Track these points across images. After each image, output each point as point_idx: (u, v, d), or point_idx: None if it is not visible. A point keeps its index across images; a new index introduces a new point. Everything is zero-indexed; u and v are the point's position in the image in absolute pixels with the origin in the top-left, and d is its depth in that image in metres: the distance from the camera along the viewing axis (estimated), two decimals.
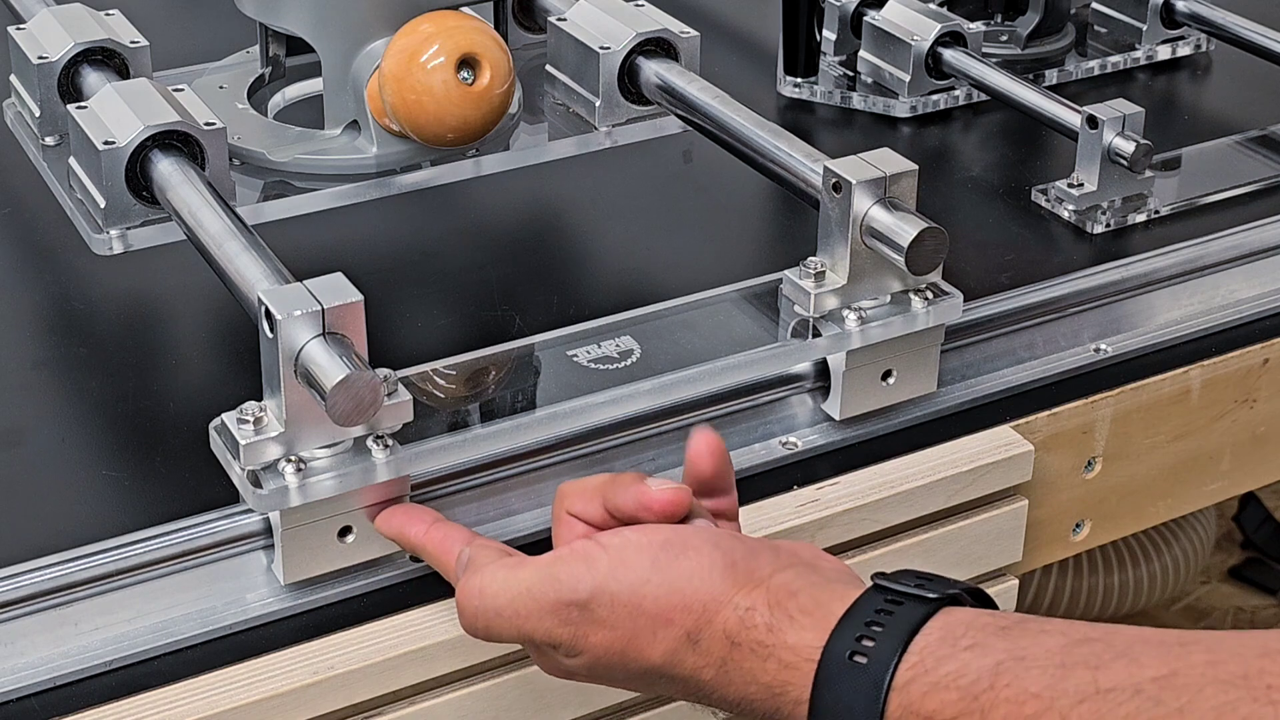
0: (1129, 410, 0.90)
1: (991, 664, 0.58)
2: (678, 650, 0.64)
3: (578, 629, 0.65)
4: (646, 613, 0.64)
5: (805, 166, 0.85)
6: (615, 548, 0.65)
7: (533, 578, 0.66)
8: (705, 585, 0.64)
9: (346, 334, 0.70)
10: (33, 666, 0.71)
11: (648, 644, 0.64)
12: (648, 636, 0.64)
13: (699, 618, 0.63)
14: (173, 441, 0.82)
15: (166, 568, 0.73)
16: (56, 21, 0.95)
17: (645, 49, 0.95)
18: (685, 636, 0.63)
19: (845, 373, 0.83)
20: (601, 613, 0.64)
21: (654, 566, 0.64)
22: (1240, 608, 1.81)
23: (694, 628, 0.63)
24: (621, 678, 0.66)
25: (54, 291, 0.96)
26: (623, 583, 0.64)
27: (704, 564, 0.64)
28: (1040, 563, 0.91)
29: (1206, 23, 1.20)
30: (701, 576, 0.64)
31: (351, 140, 0.93)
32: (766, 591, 0.63)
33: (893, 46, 1.14)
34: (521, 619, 0.66)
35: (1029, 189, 1.05)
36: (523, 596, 0.66)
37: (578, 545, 0.66)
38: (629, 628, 0.64)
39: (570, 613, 0.65)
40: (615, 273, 1.00)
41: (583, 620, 0.65)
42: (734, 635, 0.63)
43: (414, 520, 0.73)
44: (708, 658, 0.63)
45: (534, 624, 0.65)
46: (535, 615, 0.65)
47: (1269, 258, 0.98)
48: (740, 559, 0.65)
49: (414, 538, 0.73)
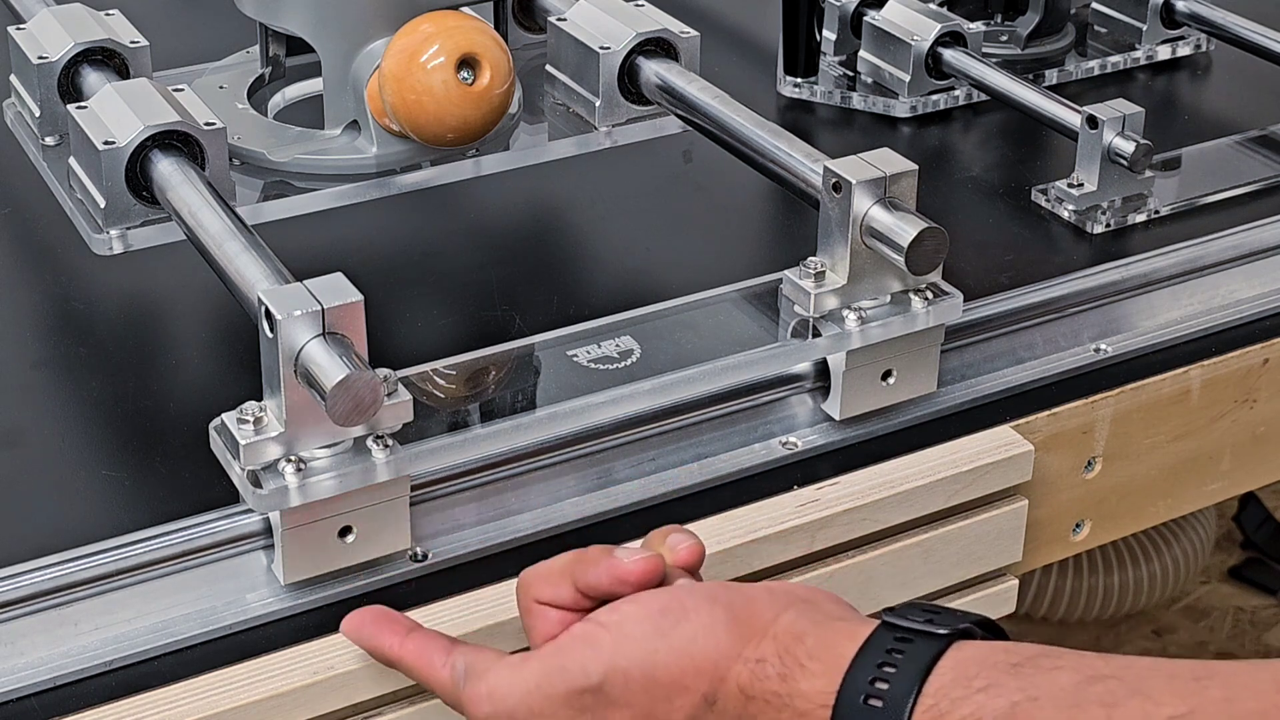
0: (1129, 410, 0.90)
1: (1007, 705, 0.57)
2: (696, 714, 0.63)
3: (595, 714, 0.63)
4: (660, 683, 0.63)
5: (805, 166, 0.85)
6: (615, 624, 0.64)
7: (540, 672, 0.64)
8: (713, 645, 0.63)
9: (346, 334, 0.70)
10: (33, 666, 0.71)
11: (665, 714, 0.63)
12: (664, 706, 0.63)
13: (712, 678, 0.63)
14: (173, 441, 0.82)
15: (166, 568, 0.73)
16: (56, 21, 0.95)
17: (645, 49, 0.95)
18: (702, 699, 0.63)
19: (845, 373, 0.83)
20: (616, 693, 0.63)
21: (659, 634, 0.63)
22: (1240, 608, 1.81)
23: (709, 690, 0.63)
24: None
25: (54, 291, 0.96)
26: (631, 658, 0.63)
27: (706, 623, 0.63)
28: (1040, 563, 0.91)
29: (1206, 23, 1.20)
30: (707, 636, 0.63)
31: (351, 140, 0.93)
32: (774, 640, 0.63)
33: (893, 46, 1.14)
34: (536, 716, 0.64)
35: (1029, 189, 1.05)
36: (533, 693, 0.64)
37: (576, 630, 0.65)
38: (645, 702, 0.63)
39: (585, 699, 0.63)
40: (615, 273, 1.00)
41: (598, 704, 0.63)
42: (748, 689, 0.62)
43: (386, 630, 0.69)
44: (726, 716, 0.63)
45: (550, 718, 0.64)
46: (550, 710, 0.64)
47: (1269, 258, 0.98)
48: (740, 610, 0.64)
49: (389, 650, 0.69)
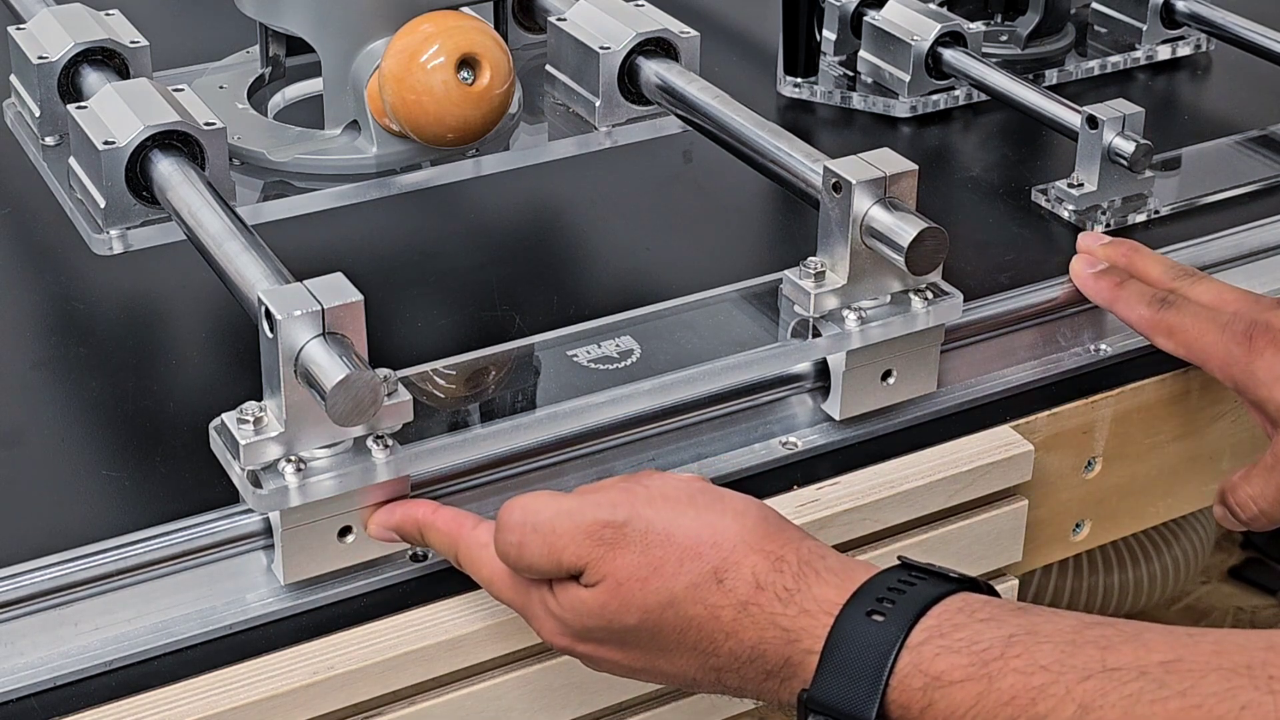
0: (1129, 410, 0.90)
1: (1005, 635, 0.59)
2: (701, 585, 0.65)
3: (608, 549, 0.65)
4: (677, 543, 0.65)
5: (805, 166, 0.85)
6: (654, 484, 0.67)
7: (574, 501, 0.67)
8: (738, 530, 0.65)
9: (346, 334, 0.70)
10: (33, 666, 0.71)
11: (673, 573, 0.65)
12: (674, 566, 0.65)
13: (728, 557, 0.65)
14: (173, 441, 0.82)
15: (166, 568, 0.73)
16: (56, 21, 0.95)
17: (645, 49, 0.95)
18: (712, 572, 0.65)
19: (845, 373, 0.83)
20: (634, 536, 0.65)
21: (691, 504, 0.66)
22: (1240, 608, 1.81)
23: (721, 566, 0.65)
24: (633, 619, 0.65)
25: (54, 291, 0.96)
26: (659, 512, 0.66)
27: (739, 512, 0.66)
28: (1040, 563, 0.91)
29: (1206, 23, 1.20)
30: (735, 521, 0.66)
31: (351, 140, 0.93)
32: (797, 550, 0.65)
33: (893, 46, 1.14)
34: (556, 536, 0.66)
35: (1029, 189, 1.05)
36: (562, 515, 0.67)
37: (617, 479, 0.68)
38: (657, 555, 0.65)
39: (605, 532, 0.66)
40: (615, 273, 1.00)
41: (615, 540, 0.65)
42: (761, 579, 0.64)
43: (417, 505, 0.73)
44: (730, 597, 0.64)
45: (566, 542, 0.66)
46: (570, 534, 0.66)
47: (1269, 258, 0.98)
48: (773, 519, 0.67)
49: (422, 516, 0.72)
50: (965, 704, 0.59)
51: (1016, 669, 0.58)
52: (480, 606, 0.74)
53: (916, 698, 0.60)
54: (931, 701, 0.59)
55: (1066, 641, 0.58)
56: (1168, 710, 0.55)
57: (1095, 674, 0.57)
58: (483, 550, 0.70)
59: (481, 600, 0.74)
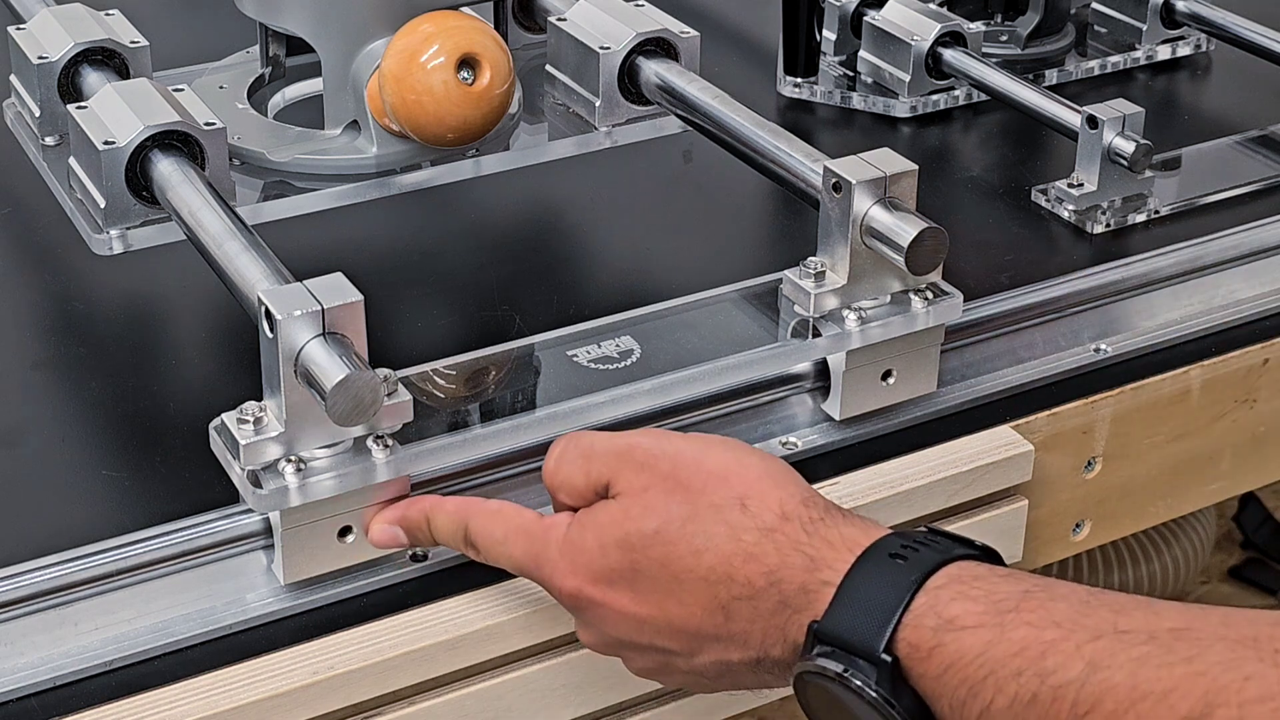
0: (1129, 410, 0.90)
1: (1021, 589, 0.61)
2: (726, 507, 0.66)
3: (639, 466, 0.68)
4: (705, 469, 0.67)
5: (805, 166, 0.85)
6: (693, 438, 0.69)
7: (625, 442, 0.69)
8: (765, 470, 0.68)
9: (346, 334, 0.70)
10: (33, 666, 0.71)
11: (699, 490, 0.67)
12: (700, 485, 0.67)
13: (754, 487, 0.67)
14: (173, 441, 0.82)
15: (166, 568, 0.73)
16: (56, 21, 0.95)
17: (645, 49, 0.95)
18: (736, 499, 0.66)
19: (845, 373, 0.83)
20: (664, 458, 0.68)
21: (723, 445, 0.69)
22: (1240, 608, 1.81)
23: (747, 494, 0.66)
24: (651, 524, 0.66)
25: (54, 291, 0.96)
26: (690, 444, 0.69)
27: (771, 462, 0.69)
28: (1040, 563, 0.91)
29: (1206, 23, 1.20)
30: (762, 465, 0.68)
31: (351, 140, 0.93)
32: (824, 500, 0.67)
33: (893, 46, 1.14)
34: (593, 450, 0.69)
35: (1029, 189, 1.05)
36: (603, 437, 0.70)
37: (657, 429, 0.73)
38: (685, 475, 0.67)
39: (637, 452, 0.68)
40: (615, 273, 1.00)
41: (646, 460, 0.68)
42: (788, 511, 0.66)
43: (421, 497, 0.74)
44: (755, 520, 0.66)
45: (600, 453, 0.69)
46: (605, 450, 0.69)
47: (1269, 258, 0.98)
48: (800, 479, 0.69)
49: (429, 502, 0.73)
50: (974, 650, 0.59)
51: (1029, 622, 0.59)
52: (480, 607, 0.74)
53: (926, 637, 0.61)
54: (941, 643, 0.60)
55: (1081, 602, 0.60)
56: (1173, 676, 0.56)
57: (1106, 634, 0.58)
58: (495, 514, 0.71)
59: (482, 600, 0.74)
